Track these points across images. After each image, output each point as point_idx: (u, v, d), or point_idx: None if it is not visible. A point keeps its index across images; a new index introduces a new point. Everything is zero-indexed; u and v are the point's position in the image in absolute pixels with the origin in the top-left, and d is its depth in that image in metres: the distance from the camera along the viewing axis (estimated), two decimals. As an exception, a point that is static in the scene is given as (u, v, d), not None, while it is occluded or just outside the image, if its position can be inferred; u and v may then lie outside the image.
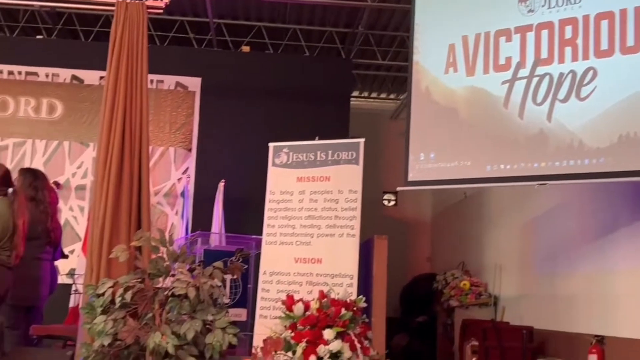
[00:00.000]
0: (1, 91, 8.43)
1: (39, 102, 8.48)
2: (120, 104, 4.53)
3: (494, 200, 7.72)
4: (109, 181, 4.44)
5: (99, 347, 3.89)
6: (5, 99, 8.43)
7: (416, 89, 5.79)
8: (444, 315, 7.89)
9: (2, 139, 8.38)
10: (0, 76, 8.46)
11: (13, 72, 8.48)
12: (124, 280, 3.98)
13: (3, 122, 8.39)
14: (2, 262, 4.72)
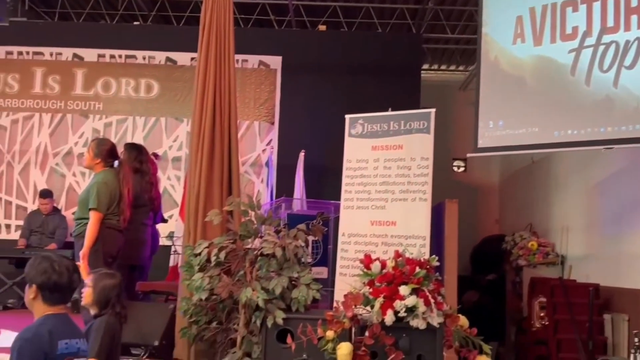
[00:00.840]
0: (105, 73, 8.72)
1: (138, 82, 8.73)
2: (211, 82, 4.61)
3: (561, 164, 7.52)
4: (202, 153, 4.54)
5: (197, 301, 4.04)
6: (109, 80, 8.71)
7: (485, 59, 5.69)
8: (513, 273, 7.79)
9: (107, 116, 8.68)
10: (103, 60, 8.74)
11: (114, 55, 8.75)
12: (218, 241, 4.10)
13: (107, 101, 8.69)
14: (113, 226, 4.96)
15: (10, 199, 8.59)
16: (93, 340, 3.34)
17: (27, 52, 8.75)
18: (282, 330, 3.72)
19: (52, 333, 2.65)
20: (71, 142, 8.64)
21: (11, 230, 8.49)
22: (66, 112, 8.68)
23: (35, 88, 8.71)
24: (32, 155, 8.62)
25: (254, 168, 8.59)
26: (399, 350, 3.40)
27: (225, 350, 4.02)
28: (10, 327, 5.14)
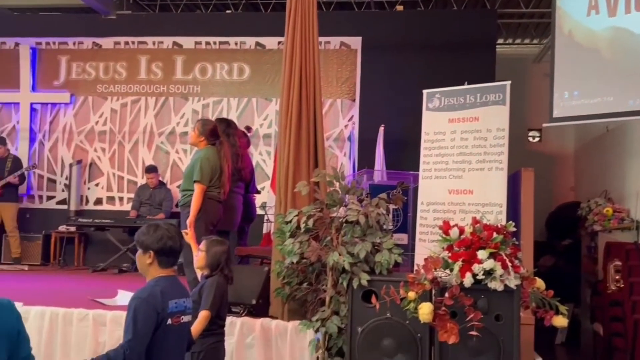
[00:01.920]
0: (202, 59, 8.90)
1: (231, 66, 8.86)
2: (297, 64, 4.62)
3: (635, 132, 7.14)
4: (290, 129, 4.59)
5: (289, 264, 4.13)
6: (205, 65, 8.90)
7: (559, 32, 5.47)
8: (588, 238, 7.52)
9: (204, 98, 8.88)
10: (200, 47, 8.92)
11: (210, 42, 8.91)
12: (306, 210, 4.15)
13: (204, 85, 8.89)
14: (214, 197, 5.10)
15: (122, 174, 8.96)
16: (206, 296, 3.50)
17: (133, 42, 9.03)
18: (366, 291, 3.74)
19: (164, 293, 2.72)
20: (174, 123, 8.90)
21: (124, 202, 8.87)
22: (168, 95, 8.93)
23: (140, 74, 9.00)
24: (140, 135, 8.94)
25: (337, 143, 8.60)
26: (477, 310, 3.36)
27: (315, 308, 4.09)
28: (125, 288, 5.41)
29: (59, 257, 8.48)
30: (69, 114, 9.04)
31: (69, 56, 9.10)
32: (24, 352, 2.15)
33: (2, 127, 9.13)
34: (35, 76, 9.11)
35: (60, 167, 9.02)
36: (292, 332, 4.27)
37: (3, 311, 2.07)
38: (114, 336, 4.43)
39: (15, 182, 8.18)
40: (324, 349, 3.96)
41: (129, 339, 2.59)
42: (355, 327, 3.73)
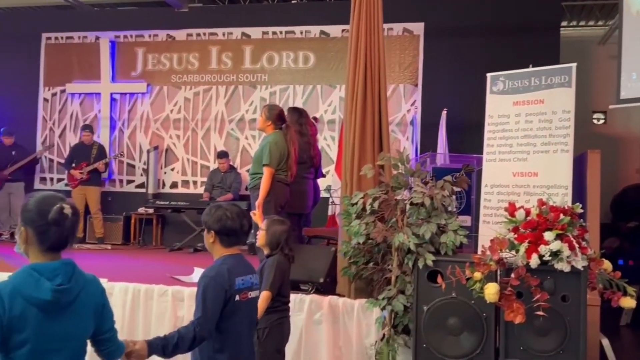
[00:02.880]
0: (269, 48, 8.96)
1: (297, 54, 8.89)
2: (362, 50, 4.58)
3: None
4: (355, 114, 4.56)
5: (355, 244, 4.12)
6: (272, 54, 8.95)
7: (627, 13, 5.20)
8: (654, 220, 7.21)
9: (272, 86, 8.94)
10: (267, 37, 8.97)
11: (276, 32, 8.95)
12: (372, 192, 4.14)
13: (271, 73, 8.95)
14: (282, 180, 5.15)
15: (195, 159, 9.16)
16: (266, 276, 3.51)
17: (204, 34, 9.18)
18: (432, 272, 3.71)
19: (230, 271, 2.72)
20: (243, 110, 9.01)
21: (197, 185, 9.07)
22: (238, 84, 9.04)
23: (211, 64, 9.14)
24: (212, 122, 9.09)
25: (399, 127, 8.52)
26: (544, 291, 3.28)
27: (381, 287, 4.08)
28: (200, 266, 5.52)
29: (139, 237, 8.79)
30: (146, 103, 9.29)
31: (145, 48, 9.34)
32: (108, 324, 2.22)
33: (85, 116, 9.47)
34: (114, 68, 9.39)
35: (139, 153, 9.30)
36: (358, 310, 4.27)
37: (90, 286, 2.15)
38: (192, 311, 4.51)
39: (101, 169, 8.49)
40: (390, 326, 3.96)
41: (199, 316, 2.60)
42: (421, 306, 3.70)
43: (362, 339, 4.24)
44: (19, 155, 8.76)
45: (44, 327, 1.97)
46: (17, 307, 1.93)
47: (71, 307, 2.03)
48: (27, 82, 9.58)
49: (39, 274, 1.99)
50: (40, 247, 2.04)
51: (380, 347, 3.95)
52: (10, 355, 1.95)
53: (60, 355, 2.01)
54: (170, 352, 2.52)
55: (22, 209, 2.07)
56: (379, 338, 4.03)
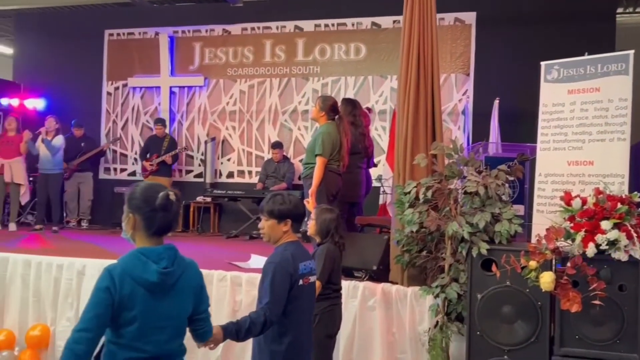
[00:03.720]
0: (321, 41, 8.97)
1: (348, 46, 8.87)
2: (415, 40, 4.52)
3: None
4: (408, 104, 4.51)
5: (408, 233, 4.10)
6: (324, 46, 8.95)
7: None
8: None
9: (324, 77, 8.95)
10: (319, 29, 8.98)
11: (328, 25, 8.94)
12: (425, 182, 4.10)
13: (323, 65, 8.96)
14: (334, 170, 5.16)
15: (250, 149, 9.28)
16: (316, 265, 3.54)
17: (258, 28, 9.26)
18: (485, 260, 3.65)
19: (294, 257, 2.77)
20: (296, 102, 9.06)
21: (252, 175, 9.19)
22: (290, 76, 9.09)
23: (265, 57, 9.22)
24: (266, 114, 9.19)
25: (451, 116, 8.40)
26: (600, 280, 3.19)
27: (434, 275, 4.05)
28: (257, 253, 5.62)
29: (197, 225, 8.98)
30: (203, 95, 9.45)
31: (202, 43, 9.49)
32: (204, 305, 2.32)
33: (146, 109, 9.72)
34: (173, 62, 9.59)
35: (197, 144, 9.49)
36: (411, 297, 4.26)
37: (190, 269, 2.24)
38: (250, 295, 4.63)
39: (169, 162, 8.69)
40: (444, 313, 3.93)
41: (268, 301, 2.65)
42: (474, 294, 3.66)
43: (415, 325, 4.23)
44: (87, 147, 9.07)
45: (150, 306, 2.08)
46: (126, 286, 2.04)
47: (174, 289, 2.14)
48: (91, 77, 9.89)
49: (145, 257, 2.10)
50: (146, 232, 2.15)
51: (434, 334, 3.93)
52: (120, 331, 2.06)
53: (163, 333, 2.11)
54: (243, 336, 2.60)
55: (128, 197, 2.18)
56: (433, 325, 4.01)
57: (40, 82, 10.12)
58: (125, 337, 2.07)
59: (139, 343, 2.07)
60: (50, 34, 10.12)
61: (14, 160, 8.09)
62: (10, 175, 8.02)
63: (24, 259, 5.26)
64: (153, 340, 2.09)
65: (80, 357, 1.99)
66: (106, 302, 2.03)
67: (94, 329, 2.02)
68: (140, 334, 2.07)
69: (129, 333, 2.06)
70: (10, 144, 8.14)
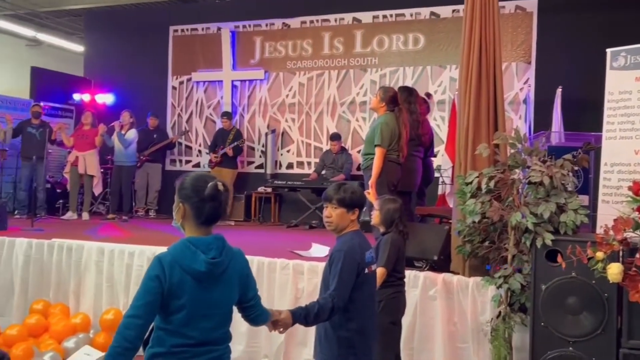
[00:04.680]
0: (379, 32, 8.92)
1: (406, 37, 8.78)
2: (477, 29, 4.43)
3: None
4: (470, 93, 4.43)
5: (470, 223, 4.05)
6: (382, 37, 8.90)
7: None
8: None
9: (382, 69, 8.91)
10: (377, 20, 8.93)
11: (386, 15, 8.88)
12: (487, 172, 4.02)
13: (381, 56, 8.91)
14: (394, 160, 5.14)
15: (309, 141, 9.34)
16: (382, 253, 3.55)
17: (317, 20, 9.29)
18: (550, 251, 3.57)
19: (360, 245, 2.80)
20: (354, 93, 9.06)
21: (311, 166, 9.25)
22: (349, 67, 9.09)
23: (324, 50, 9.25)
24: (324, 106, 9.22)
25: (512, 106, 8.20)
26: (672, 272, 3.07)
27: (497, 266, 3.99)
28: (318, 242, 5.66)
29: (259, 214, 9.13)
30: (264, 88, 9.57)
31: (262, 37, 9.61)
32: (251, 292, 2.36)
33: (209, 103, 9.92)
34: (234, 56, 9.74)
35: (257, 136, 9.63)
36: (473, 287, 4.20)
37: (237, 257, 2.28)
38: (311, 283, 4.69)
39: (229, 154, 8.84)
40: (506, 304, 3.87)
41: (335, 287, 2.67)
42: (539, 285, 3.58)
43: (477, 315, 4.18)
44: (159, 139, 9.36)
45: (198, 294, 2.12)
46: (175, 275, 2.10)
47: (221, 278, 2.18)
48: (157, 72, 10.17)
49: (195, 246, 2.14)
50: (195, 221, 2.19)
51: (496, 324, 3.88)
52: (168, 318, 2.12)
53: (211, 321, 2.16)
54: (312, 321, 2.64)
55: (178, 187, 2.23)
56: (495, 316, 3.95)
57: (109, 77, 10.49)
58: (173, 323, 2.12)
59: (186, 329, 2.12)
60: (117, 32, 10.46)
61: (88, 152, 8.45)
62: (84, 166, 8.38)
63: (98, 246, 5.49)
64: (200, 327, 2.13)
65: (130, 342, 2.05)
66: (156, 290, 2.08)
67: (143, 315, 2.08)
68: (188, 321, 2.11)
69: (177, 320, 2.11)
70: (86, 137, 8.50)
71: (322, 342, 2.81)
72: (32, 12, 11.54)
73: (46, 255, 5.65)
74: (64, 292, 5.56)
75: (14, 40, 13.01)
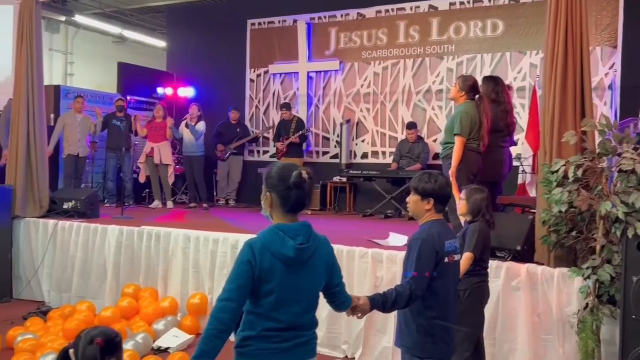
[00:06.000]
0: (456, 19, 8.71)
1: (484, 23, 8.54)
2: (562, 12, 4.24)
3: None
4: (555, 79, 4.27)
5: (556, 213, 3.92)
6: (459, 24, 8.70)
7: None
8: None
9: (458, 56, 8.71)
10: (454, 7, 8.71)
11: (463, 2, 8.66)
12: (574, 160, 3.89)
13: (458, 43, 8.71)
14: (474, 149, 5.03)
15: (384, 130, 9.29)
16: (469, 240, 3.52)
17: (392, 9, 9.18)
18: (643, 241, 3.41)
19: (440, 235, 2.76)
20: (429, 82, 8.91)
21: (386, 155, 9.20)
22: (424, 56, 8.95)
23: (399, 39, 9.14)
24: (399, 95, 9.13)
25: (596, 91, 7.80)
26: None
27: (585, 256, 3.84)
28: (394, 231, 5.64)
29: (334, 204, 9.19)
30: (339, 79, 9.59)
31: (337, 28, 9.61)
32: (337, 279, 2.39)
33: (285, 94, 10.04)
34: (310, 48, 9.80)
35: (332, 127, 9.66)
36: (558, 278, 4.07)
37: (323, 244, 2.32)
38: (390, 272, 4.69)
39: (296, 142, 8.95)
40: (595, 296, 3.73)
41: (413, 275, 2.68)
42: (629, 276, 3.43)
43: (562, 307, 4.05)
44: (242, 132, 9.60)
45: (287, 279, 2.18)
46: (265, 260, 2.16)
47: (308, 264, 2.22)
48: (235, 65, 10.39)
49: (283, 233, 2.20)
50: (282, 209, 2.24)
51: (583, 316, 3.75)
52: (259, 303, 2.18)
53: (298, 305, 2.22)
54: (389, 307, 2.65)
55: (265, 176, 2.29)
56: (582, 307, 3.81)
57: (190, 71, 10.82)
58: (263, 307, 2.17)
59: (275, 314, 2.17)
60: (198, 27, 10.75)
61: (162, 143, 8.83)
62: (159, 157, 8.73)
63: (184, 234, 5.70)
64: (289, 311, 2.18)
65: (224, 324, 2.12)
66: (247, 274, 2.14)
67: (236, 299, 2.14)
68: (277, 305, 2.16)
69: (267, 304, 2.16)
70: (159, 129, 8.86)
71: (402, 330, 2.82)
72: (118, 10, 12.07)
73: (136, 241, 5.92)
74: (153, 277, 5.82)
75: (102, 38, 13.64)
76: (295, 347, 2.21)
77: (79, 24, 12.84)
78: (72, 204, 6.82)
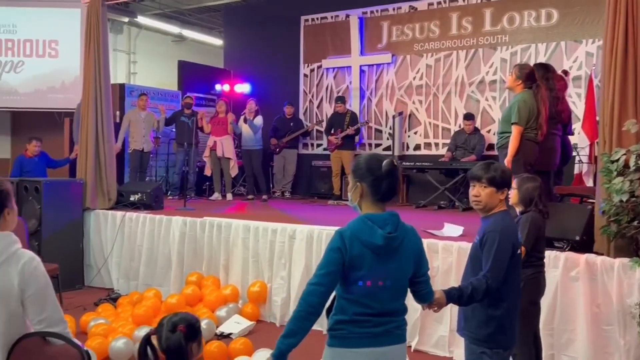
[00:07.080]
0: (509, 9, 8.51)
1: (539, 12, 8.31)
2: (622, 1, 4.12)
3: None
4: (615, 67, 4.12)
5: (617, 202, 3.80)
6: (513, 15, 8.49)
7: None
8: None
9: (512, 46, 8.51)
10: (507, -3, 8.56)
11: (519, -8, 8.49)
12: (635, 148, 3.78)
13: (512, 33, 8.51)
14: (531, 138, 4.91)
15: (437, 122, 9.19)
16: (520, 232, 3.43)
17: (444, 1, 9.06)
18: None
19: (513, 226, 2.74)
20: (483, 72, 8.75)
21: (439, 147, 9.11)
22: (477, 47, 8.79)
23: (452, 30, 9.01)
24: (452, 86, 9.01)
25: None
26: None
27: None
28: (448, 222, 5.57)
29: (387, 195, 9.12)
30: (391, 72, 9.53)
31: (389, 21, 9.55)
32: (424, 269, 2.39)
33: (338, 88, 10.06)
34: (362, 42, 9.78)
35: (385, 119, 9.62)
36: (619, 269, 3.94)
37: (410, 234, 2.33)
38: (446, 262, 4.65)
39: (352, 134, 8.97)
40: (658, 286, 3.60)
41: (489, 268, 2.63)
42: (696, 267, 3.30)
43: (623, 298, 3.92)
44: (295, 126, 9.70)
45: (376, 267, 2.21)
46: (355, 248, 2.20)
47: (397, 252, 2.24)
48: (290, 60, 10.47)
49: (372, 222, 2.22)
50: (372, 198, 2.26)
51: (646, 307, 3.63)
52: (349, 289, 2.22)
53: (388, 292, 2.24)
54: (465, 301, 2.63)
55: (353, 168, 2.32)
56: (644, 298, 3.69)
57: (246, 68, 10.98)
58: (353, 293, 2.21)
59: (366, 299, 2.21)
60: (253, 24, 10.88)
61: (224, 137, 8.98)
62: (222, 150, 8.89)
63: (244, 224, 5.81)
64: (379, 297, 2.21)
65: (313, 307, 2.17)
66: (337, 260, 2.19)
67: (326, 284, 2.19)
68: (367, 292, 2.20)
69: (357, 290, 2.20)
70: (221, 124, 9.02)
71: (468, 319, 2.77)
72: (177, 10, 12.35)
73: (199, 232, 6.08)
74: (215, 266, 5.96)
75: (162, 38, 13.98)
76: (385, 332, 2.24)
77: (140, 24, 13.20)
78: (139, 197, 7.06)
